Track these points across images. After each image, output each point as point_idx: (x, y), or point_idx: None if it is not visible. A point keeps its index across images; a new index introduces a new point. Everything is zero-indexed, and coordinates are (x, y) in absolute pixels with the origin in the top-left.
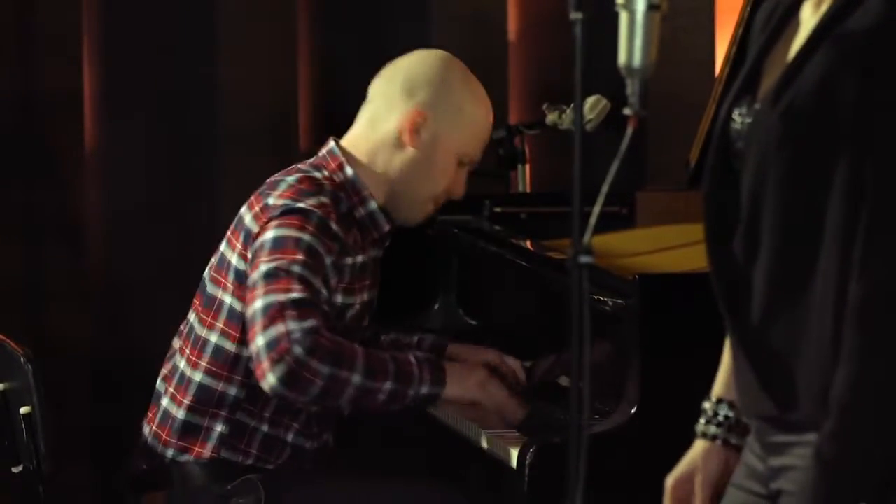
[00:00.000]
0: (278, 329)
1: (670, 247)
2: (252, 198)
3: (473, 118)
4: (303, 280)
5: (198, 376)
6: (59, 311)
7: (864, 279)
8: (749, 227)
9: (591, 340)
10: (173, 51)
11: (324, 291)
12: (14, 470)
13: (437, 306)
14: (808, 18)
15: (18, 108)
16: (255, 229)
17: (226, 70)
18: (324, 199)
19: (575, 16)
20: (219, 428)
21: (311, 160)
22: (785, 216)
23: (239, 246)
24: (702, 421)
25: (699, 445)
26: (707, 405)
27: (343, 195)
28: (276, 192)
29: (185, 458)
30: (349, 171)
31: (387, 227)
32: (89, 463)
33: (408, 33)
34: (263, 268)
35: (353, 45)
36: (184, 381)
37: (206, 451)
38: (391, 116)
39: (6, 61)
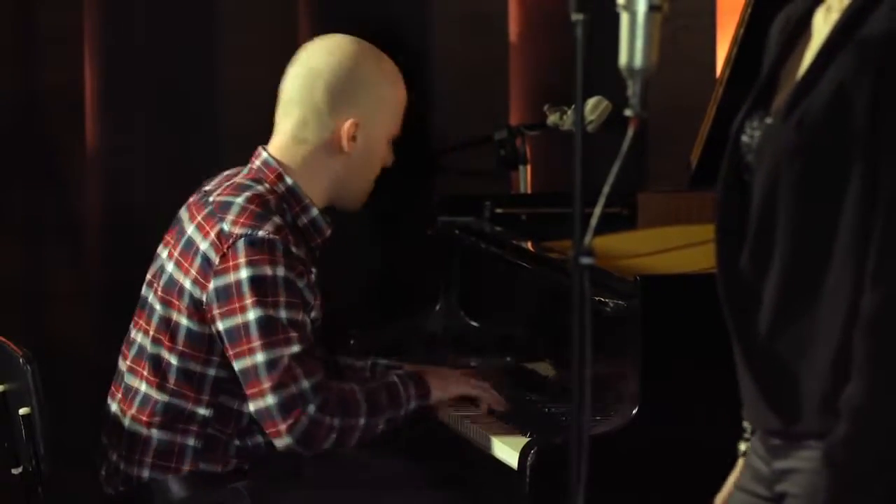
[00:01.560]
0: (290, 390)
1: (671, 248)
2: (199, 217)
3: (395, 101)
4: (295, 325)
5: (165, 397)
6: (59, 312)
7: (877, 289)
8: (759, 240)
9: (593, 341)
10: (174, 51)
11: (309, 321)
12: (14, 471)
13: (438, 307)
14: (821, 28)
15: (19, 108)
16: (216, 259)
17: (226, 70)
18: (278, 221)
19: (576, 17)
20: (192, 442)
21: (247, 173)
22: (796, 228)
23: (194, 272)
24: (742, 440)
25: (741, 464)
26: (746, 423)
27: (286, 206)
28: (230, 217)
29: (163, 475)
30: (289, 181)
31: (328, 232)
32: (89, 464)
33: (408, 34)
34: (252, 315)
35: None
36: (148, 402)
37: (185, 466)
38: (323, 127)
39: (7, 61)
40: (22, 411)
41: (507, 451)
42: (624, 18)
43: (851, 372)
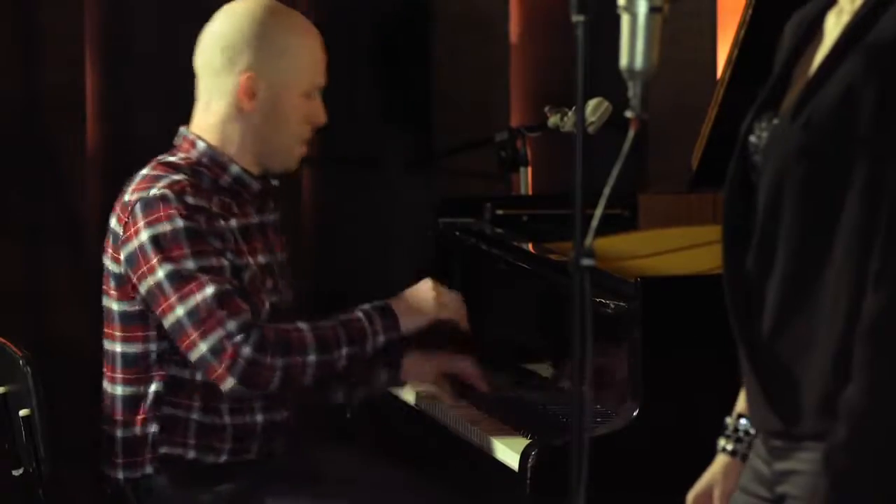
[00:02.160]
0: (217, 333)
1: (672, 249)
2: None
3: (300, 51)
4: (206, 271)
5: (118, 389)
6: (59, 314)
7: (880, 291)
8: (763, 240)
9: (593, 343)
10: (175, 51)
11: (226, 264)
12: (14, 473)
13: None
14: (832, 29)
15: (20, 109)
16: (121, 231)
17: None
18: (175, 178)
19: (577, 18)
20: (152, 429)
21: (168, 151)
22: (800, 229)
23: (110, 250)
24: (722, 436)
25: (719, 460)
26: (728, 420)
27: (202, 169)
28: (131, 188)
29: (135, 473)
30: (201, 145)
31: (256, 187)
32: (89, 466)
33: (409, 36)
34: (160, 272)
35: (355, 49)
36: (110, 399)
37: (147, 456)
38: (223, 89)
39: (8, 62)
40: (22, 413)
41: (507, 452)
42: (625, 20)
43: (852, 374)
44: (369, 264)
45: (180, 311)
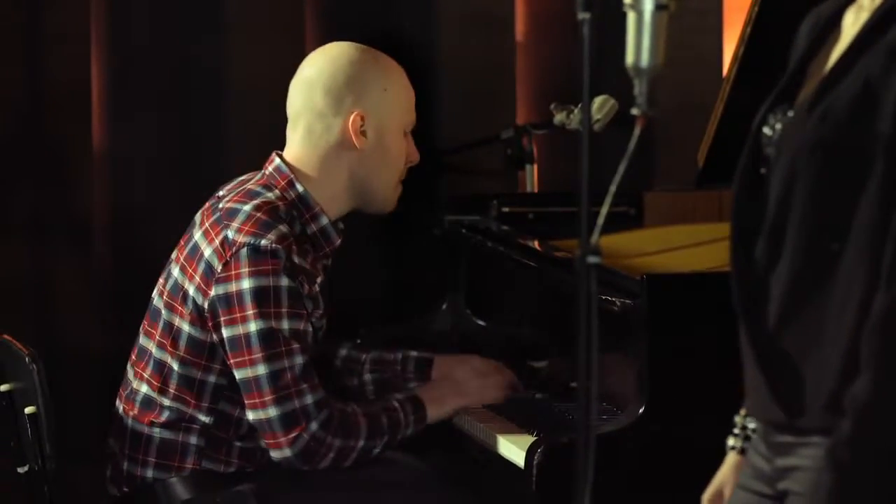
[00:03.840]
0: (293, 404)
1: (678, 247)
2: (207, 223)
3: (399, 90)
4: (297, 336)
5: (167, 401)
6: (65, 312)
7: (891, 288)
8: (773, 233)
9: (599, 340)
10: (180, 50)
11: (311, 331)
12: (20, 470)
13: (444, 306)
14: (850, 26)
15: (26, 106)
16: (218, 267)
17: (234, 68)
18: (283, 230)
19: (583, 15)
20: (194, 441)
21: (259, 178)
22: (811, 223)
23: (197, 278)
24: (731, 435)
25: (729, 459)
26: (737, 419)
27: (296, 213)
28: (235, 224)
29: (167, 475)
30: (300, 188)
31: (338, 241)
32: (94, 463)
33: (415, 34)
34: (253, 327)
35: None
36: (149, 405)
37: (188, 464)
38: (331, 127)
39: (14, 60)
40: (28, 410)
41: (513, 449)
42: (631, 17)
43: (860, 369)
44: (376, 262)
45: (262, 369)
